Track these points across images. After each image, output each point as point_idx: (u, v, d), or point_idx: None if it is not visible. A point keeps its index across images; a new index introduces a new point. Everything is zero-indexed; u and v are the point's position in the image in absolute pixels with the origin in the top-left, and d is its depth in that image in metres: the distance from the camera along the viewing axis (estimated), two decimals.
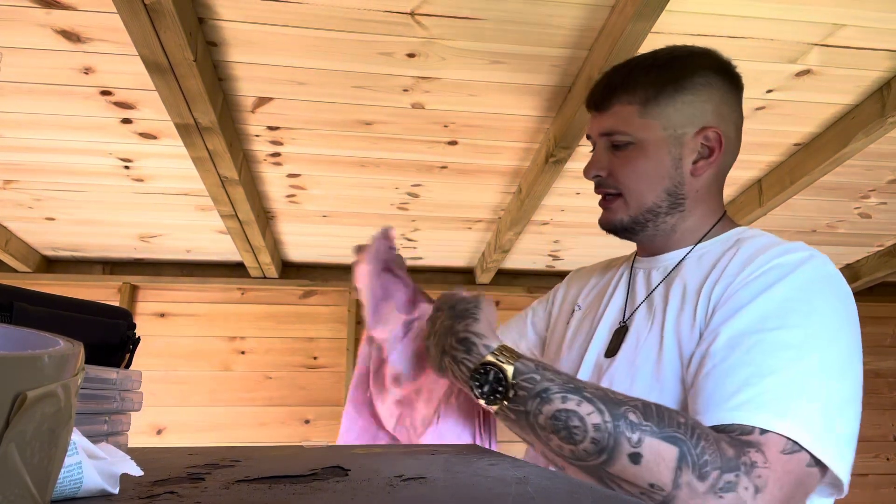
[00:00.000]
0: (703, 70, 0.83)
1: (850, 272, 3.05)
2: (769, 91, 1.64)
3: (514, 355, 0.71)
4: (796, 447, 0.62)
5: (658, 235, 0.87)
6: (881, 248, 2.81)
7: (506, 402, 0.68)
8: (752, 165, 2.05)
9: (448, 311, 0.80)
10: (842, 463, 0.64)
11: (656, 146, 0.82)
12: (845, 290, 0.73)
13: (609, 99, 0.85)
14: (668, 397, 0.73)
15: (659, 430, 0.62)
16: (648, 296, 0.85)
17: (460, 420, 0.86)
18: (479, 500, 0.40)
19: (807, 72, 1.56)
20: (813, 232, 2.60)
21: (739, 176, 2.13)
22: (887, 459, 3.22)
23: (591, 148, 0.90)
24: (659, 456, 0.61)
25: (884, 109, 1.61)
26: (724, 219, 0.88)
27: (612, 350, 0.84)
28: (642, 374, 0.77)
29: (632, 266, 0.94)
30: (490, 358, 0.71)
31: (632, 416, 0.63)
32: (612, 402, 0.65)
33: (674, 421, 0.64)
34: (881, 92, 1.62)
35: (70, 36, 1.39)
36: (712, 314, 0.73)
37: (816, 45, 1.47)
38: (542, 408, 0.66)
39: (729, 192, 2.25)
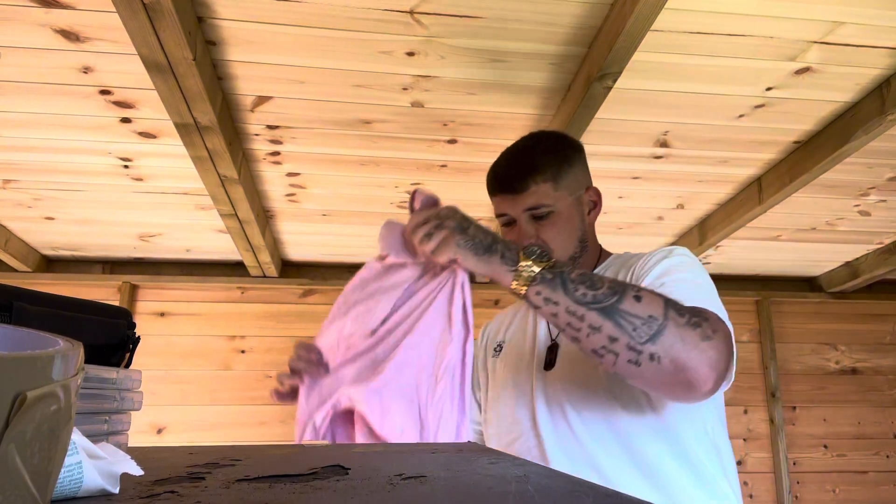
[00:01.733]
0: (571, 147, 1.12)
1: (850, 270, 3.05)
2: (769, 89, 1.64)
3: None
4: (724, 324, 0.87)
5: None
6: (881, 246, 2.81)
7: (548, 265, 0.85)
8: (751, 163, 2.05)
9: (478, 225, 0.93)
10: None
11: (570, 209, 1.07)
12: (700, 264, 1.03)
13: (525, 181, 1.05)
14: (619, 392, 0.98)
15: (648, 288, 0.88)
16: None
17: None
18: (479, 498, 0.40)
19: (806, 69, 1.56)
20: (813, 229, 2.60)
21: (739, 174, 2.13)
22: (887, 457, 3.22)
23: (504, 221, 1.09)
24: (652, 298, 0.82)
25: (883, 107, 1.61)
26: (602, 250, 1.16)
27: (549, 363, 1.08)
28: (582, 381, 1.02)
29: None
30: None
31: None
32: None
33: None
34: (881, 89, 1.62)
35: (69, 35, 1.38)
36: None
37: (816, 42, 1.47)
38: (575, 268, 0.86)
39: (728, 190, 2.25)
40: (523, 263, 0.84)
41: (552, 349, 1.09)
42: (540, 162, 1.06)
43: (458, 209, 0.89)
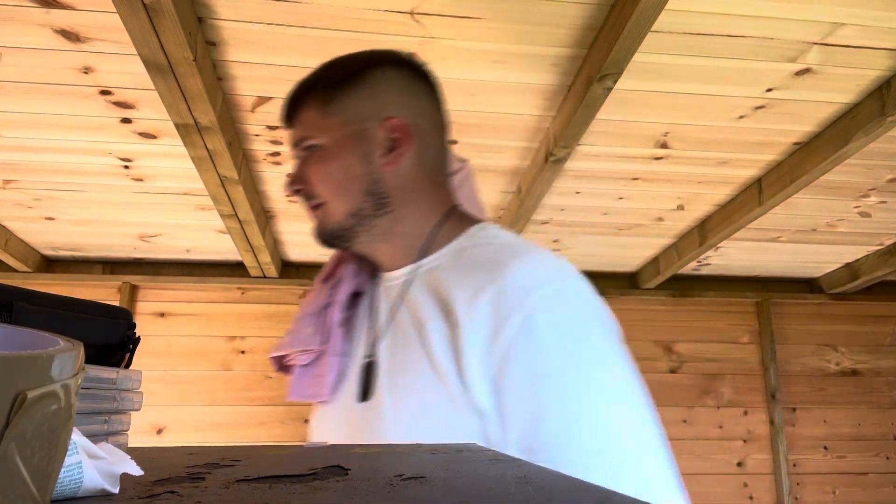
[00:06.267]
0: (380, 64, 0.82)
1: (850, 271, 3.05)
2: (769, 90, 1.64)
3: None
4: None
5: (377, 242, 0.81)
6: (881, 247, 2.81)
7: None
8: (751, 164, 2.05)
9: None
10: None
11: (340, 145, 0.78)
12: (599, 310, 0.70)
13: (296, 107, 0.82)
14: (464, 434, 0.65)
15: None
16: (388, 325, 0.79)
17: None
18: (479, 499, 0.40)
19: (806, 70, 1.56)
20: (813, 231, 2.60)
21: (739, 175, 2.13)
22: (887, 458, 3.22)
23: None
24: None
25: (884, 108, 1.61)
26: (451, 219, 0.82)
27: (364, 392, 0.76)
28: (413, 419, 0.70)
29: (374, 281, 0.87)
30: None
31: None
32: None
33: None
34: (881, 91, 1.62)
35: (69, 35, 1.38)
36: (496, 371, 0.65)
37: (816, 43, 1.47)
38: None
39: (728, 191, 2.25)
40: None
41: (368, 369, 0.77)
42: (314, 80, 0.82)
43: None
